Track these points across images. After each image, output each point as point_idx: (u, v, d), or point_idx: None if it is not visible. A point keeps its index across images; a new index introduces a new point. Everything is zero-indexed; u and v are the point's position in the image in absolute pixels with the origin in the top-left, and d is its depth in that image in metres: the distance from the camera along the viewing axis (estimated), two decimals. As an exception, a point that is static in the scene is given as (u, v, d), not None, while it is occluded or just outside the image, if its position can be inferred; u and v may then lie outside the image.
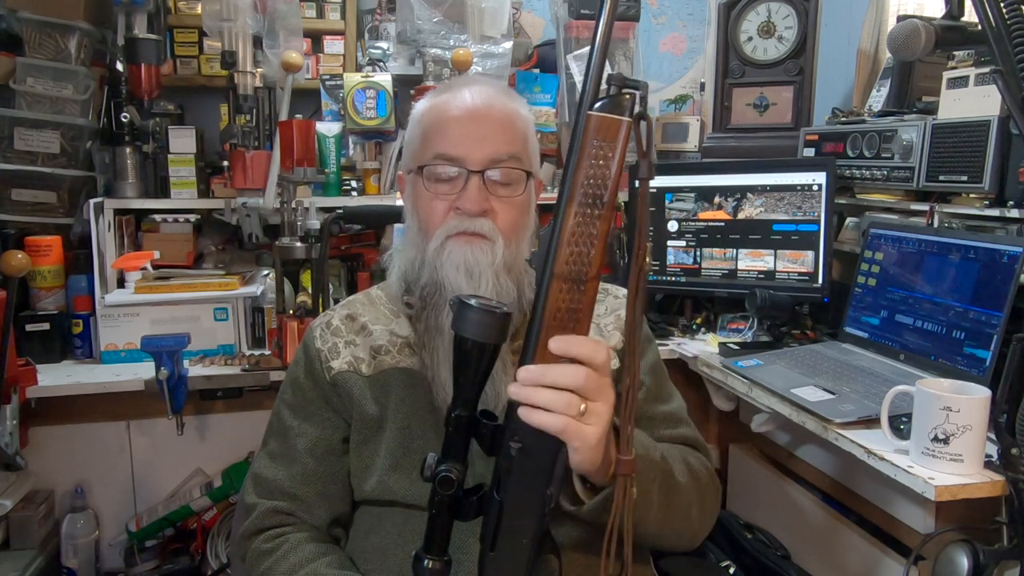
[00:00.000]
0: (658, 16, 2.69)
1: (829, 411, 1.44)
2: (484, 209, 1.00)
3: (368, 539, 1.06)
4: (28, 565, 1.82)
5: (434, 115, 1.05)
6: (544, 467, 0.80)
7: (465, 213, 1.00)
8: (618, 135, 0.76)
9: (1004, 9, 0.99)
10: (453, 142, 1.01)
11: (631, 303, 0.79)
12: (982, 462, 1.23)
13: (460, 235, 1.00)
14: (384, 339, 1.08)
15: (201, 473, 2.09)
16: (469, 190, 1.00)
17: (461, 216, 1.00)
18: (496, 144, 1.01)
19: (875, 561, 1.55)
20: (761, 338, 1.95)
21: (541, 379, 0.77)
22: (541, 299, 0.78)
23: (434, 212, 1.02)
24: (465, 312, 0.80)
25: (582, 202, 0.77)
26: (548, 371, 0.77)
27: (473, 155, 1.00)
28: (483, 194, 1.00)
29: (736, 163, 2.14)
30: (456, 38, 2.16)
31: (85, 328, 1.92)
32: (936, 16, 1.28)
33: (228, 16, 1.88)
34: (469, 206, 0.99)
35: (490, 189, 1.01)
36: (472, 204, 0.99)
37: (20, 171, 1.90)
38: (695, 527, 1.02)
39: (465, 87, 1.06)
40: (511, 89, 1.12)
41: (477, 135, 1.01)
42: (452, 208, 1.01)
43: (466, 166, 1.00)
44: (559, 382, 0.77)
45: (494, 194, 1.01)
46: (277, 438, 1.12)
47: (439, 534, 0.84)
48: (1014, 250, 1.45)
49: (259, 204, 1.90)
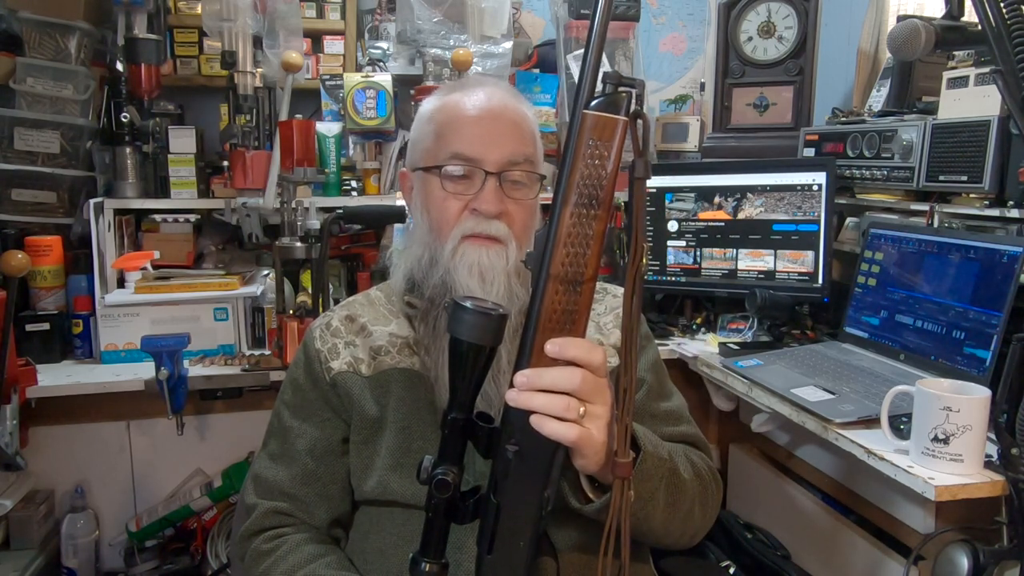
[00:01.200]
0: (658, 16, 2.69)
1: (829, 411, 1.44)
2: (500, 211, 1.00)
3: (368, 539, 1.06)
4: (28, 565, 1.82)
5: (448, 113, 1.04)
6: (541, 469, 0.80)
7: (482, 215, 1.00)
8: (614, 134, 0.76)
9: (1004, 9, 0.99)
10: (469, 142, 1.01)
11: (627, 303, 0.78)
12: (982, 462, 1.23)
13: (475, 237, 1.00)
14: (384, 339, 1.08)
15: (201, 473, 2.09)
16: (486, 191, 1.00)
17: (477, 217, 1.00)
18: (512, 145, 1.01)
19: (875, 561, 1.55)
20: (761, 338, 1.95)
21: (537, 382, 0.77)
22: (537, 301, 0.78)
23: (448, 211, 1.02)
24: (460, 314, 0.79)
25: (578, 202, 0.76)
26: (544, 374, 0.77)
27: (490, 156, 1.00)
28: (499, 195, 1.00)
29: (736, 163, 2.14)
30: (456, 38, 2.16)
31: (85, 328, 1.92)
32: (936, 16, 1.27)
33: (228, 16, 1.88)
34: (487, 207, 0.99)
35: (506, 191, 1.01)
36: (490, 206, 0.99)
37: (20, 171, 1.90)
38: (697, 525, 1.02)
39: (479, 87, 1.06)
40: (517, 91, 1.12)
41: (494, 135, 1.01)
42: (467, 208, 1.01)
43: (483, 167, 1.00)
44: (555, 385, 0.76)
45: (509, 196, 1.01)
46: (277, 439, 1.12)
47: (436, 537, 0.84)
48: (1014, 250, 1.45)
49: (259, 204, 1.90)
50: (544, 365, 0.77)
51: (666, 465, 0.93)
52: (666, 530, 0.97)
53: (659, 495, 0.92)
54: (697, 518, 1.01)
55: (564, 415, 0.76)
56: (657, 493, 0.92)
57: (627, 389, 0.78)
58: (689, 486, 0.97)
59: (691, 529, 1.02)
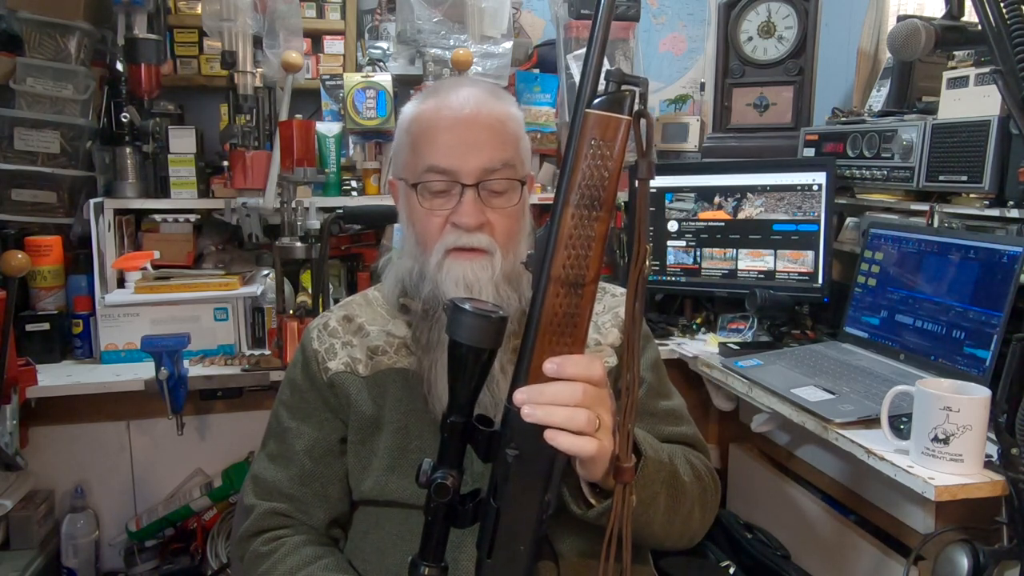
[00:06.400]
0: (658, 16, 2.69)
1: (829, 411, 1.44)
2: (481, 223, 0.98)
3: (366, 539, 1.06)
4: (28, 565, 1.82)
5: (422, 123, 1.02)
6: (541, 474, 0.79)
7: (462, 228, 0.98)
8: (617, 134, 0.74)
9: (1004, 9, 0.98)
10: (444, 153, 0.98)
11: (630, 307, 0.77)
12: (982, 462, 1.23)
13: (459, 251, 0.99)
14: (381, 340, 1.08)
15: (201, 473, 2.09)
16: (464, 205, 0.98)
17: (458, 231, 0.99)
18: (488, 152, 0.98)
19: (875, 561, 1.54)
20: (761, 338, 1.95)
21: (538, 399, 0.76)
22: (538, 303, 0.77)
23: (430, 226, 1.00)
24: (459, 316, 0.78)
25: (579, 203, 0.75)
26: (544, 391, 0.76)
27: (465, 166, 0.98)
28: (478, 207, 0.98)
29: (736, 163, 2.14)
30: (456, 38, 2.16)
31: (85, 328, 1.92)
32: (936, 16, 1.27)
33: (228, 16, 1.88)
34: (466, 221, 0.97)
35: (485, 201, 0.99)
36: (469, 219, 0.97)
37: (20, 171, 1.90)
38: (696, 527, 1.02)
39: (452, 91, 1.03)
40: (499, 88, 1.09)
41: (468, 143, 0.98)
42: (447, 222, 0.99)
43: (459, 179, 0.98)
44: (557, 401, 0.76)
45: (489, 205, 0.99)
46: (275, 439, 1.12)
47: (435, 541, 0.83)
48: (1014, 250, 1.45)
49: (259, 204, 1.90)
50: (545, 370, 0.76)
51: (667, 468, 0.93)
52: (666, 533, 0.97)
53: (660, 499, 0.92)
54: (697, 520, 1.01)
55: (584, 430, 0.75)
56: (658, 497, 0.91)
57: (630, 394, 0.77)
58: (689, 488, 0.97)
59: (690, 531, 1.02)
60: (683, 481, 0.96)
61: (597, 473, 0.80)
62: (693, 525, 1.01)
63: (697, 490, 1.00)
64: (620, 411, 0.79)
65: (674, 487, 0.94)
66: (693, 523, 1.00)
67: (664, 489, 0.92)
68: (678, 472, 0.95)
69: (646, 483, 0.88)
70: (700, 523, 1.02)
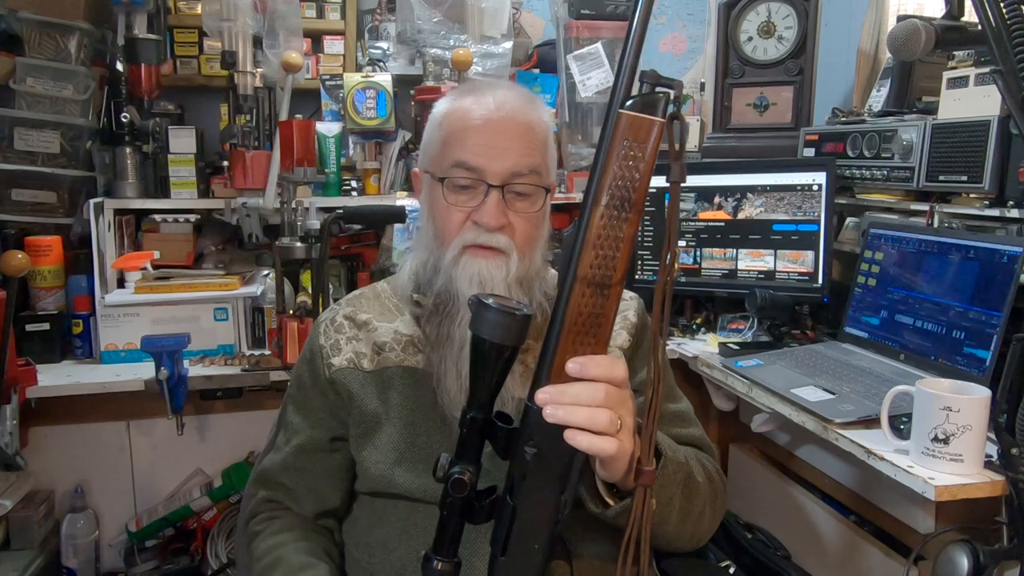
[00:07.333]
0: (658, 16, 2.69)
1: (829, 411, 1.44)
2: (502, 224, 0.99)
3: (372, 532, 1.07)
4: (28, 565, 1.82)
5: (455, 120, 1.02)
6: (559, 473, 0.79)
7: (483, 227, 0.99)
8: (650, 136, 0.74)
9: (1004, 9, 0.98)
10: (473, 151, 0.99)
11: (657, 311, 0.77)
12: (982, 462, 1.23)
13: (476, 248, 0.99)
14: (388, 336, 1.09)
15: (201, 473, 2.09)
16: (488, 205, 0.99)
17: (478, 229, 0.99)
18: (517, 156, 0.99)
19: (875, 561, 1.55)
20: (761, 338, 1.95)
21: (561, 399, 0.76)
22: (563, 303, 0.76)
23: (451, 221, 1.01)
24: (483, 313, 0.78)
25: (609, 204, 0.74)
26: (567, 391, 0.76)
27: (493, 167, 0.99)
28: (501, 208, 0.99)
29: (736, 163, 2.14)
30: (456, 38, 2.16)
31: (85, 328, 1.92)
32: (936, 16, 1.27)
33: (228, 16, 1.87)
34: (487, 220, 0.98)
35: (508, 204, 1.00)
36: (491, 219, 0.98)
37: (20, 171, 1.90)
38: (705, 529, 1.02)
39: (489, 92, 1.04)
40: (534, 95, 1.09)
41: (498, 146, 0.99)
42: (469, 219, 1.00)
43: (485, 179, 0.99)
44: (579, 400, 0.76)
45: (512, 208, 1.00)
46: (280, 430, 1.17)
47: (449, 536, 0.83)
48: (1014, 250, 1.45)
49: (259, 204, 1.90)
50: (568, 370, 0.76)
51: (683, 470, 0.93)
52: (677, 533, 0.98)
53: (676, 500, 0.92)
54: (707, 521, 1.01)
55: (607, 431, 0.75)
56: (674, 498, 0.92)
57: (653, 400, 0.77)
58: (702, 490, 0.98)
59: (700, 532, 1.02)
60: (697, 482, 0.97)
61: (617, 474, 0.80)
62: (703, 527, 1.01)
63: (708, 491, 1.00)
64: (641, 413, 0.79)
65: (688, 488, 0.95)
66: (703, 525, 1.01)
67: (680, 490, 0.93)
68: (693, 473, 0.96)
69: (664, 484, 0.89)
70: (709, 525, 1.03)
